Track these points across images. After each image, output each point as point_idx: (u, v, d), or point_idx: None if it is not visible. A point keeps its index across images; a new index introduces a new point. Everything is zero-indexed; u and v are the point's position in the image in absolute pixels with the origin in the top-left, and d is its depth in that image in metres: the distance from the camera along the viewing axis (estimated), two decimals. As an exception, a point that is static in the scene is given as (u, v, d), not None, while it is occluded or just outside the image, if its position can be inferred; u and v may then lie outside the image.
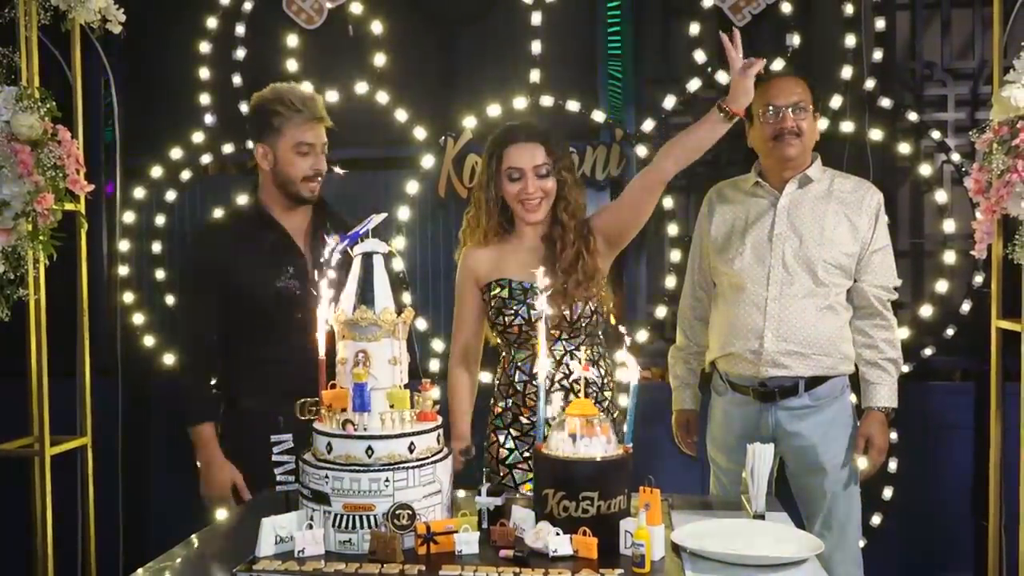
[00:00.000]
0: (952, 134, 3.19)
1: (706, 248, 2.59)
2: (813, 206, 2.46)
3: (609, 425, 1.73)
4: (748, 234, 2.48)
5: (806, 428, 2.44)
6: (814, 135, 2.48)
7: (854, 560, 2.48)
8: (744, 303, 2.45)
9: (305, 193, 2.39)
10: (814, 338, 2.40)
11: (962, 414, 3.12)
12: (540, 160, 2.26)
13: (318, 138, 2.38)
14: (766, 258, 2.44)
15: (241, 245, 2.39)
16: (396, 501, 1.67)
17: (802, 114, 2.42)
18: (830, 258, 2.42)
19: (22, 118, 2.37)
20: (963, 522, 3.14)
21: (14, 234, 2.41)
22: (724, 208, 2.57)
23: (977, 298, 3.06)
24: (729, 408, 2.53)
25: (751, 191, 2.53)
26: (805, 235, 2.43)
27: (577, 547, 1.63)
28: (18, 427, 2.76)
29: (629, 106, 3.33)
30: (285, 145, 2.36)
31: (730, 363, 2.49)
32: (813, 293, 2.41)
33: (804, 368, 2.42)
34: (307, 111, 2.35)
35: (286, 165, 2.37)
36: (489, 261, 2.35)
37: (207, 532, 1.90)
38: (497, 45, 3.40)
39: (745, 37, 3.28)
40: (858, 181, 2.53)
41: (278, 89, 2.39)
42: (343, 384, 1.77)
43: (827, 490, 2.44)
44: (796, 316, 2.41)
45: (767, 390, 2.45)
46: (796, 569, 1.64)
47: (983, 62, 3.17)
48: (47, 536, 2.74)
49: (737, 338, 2.45)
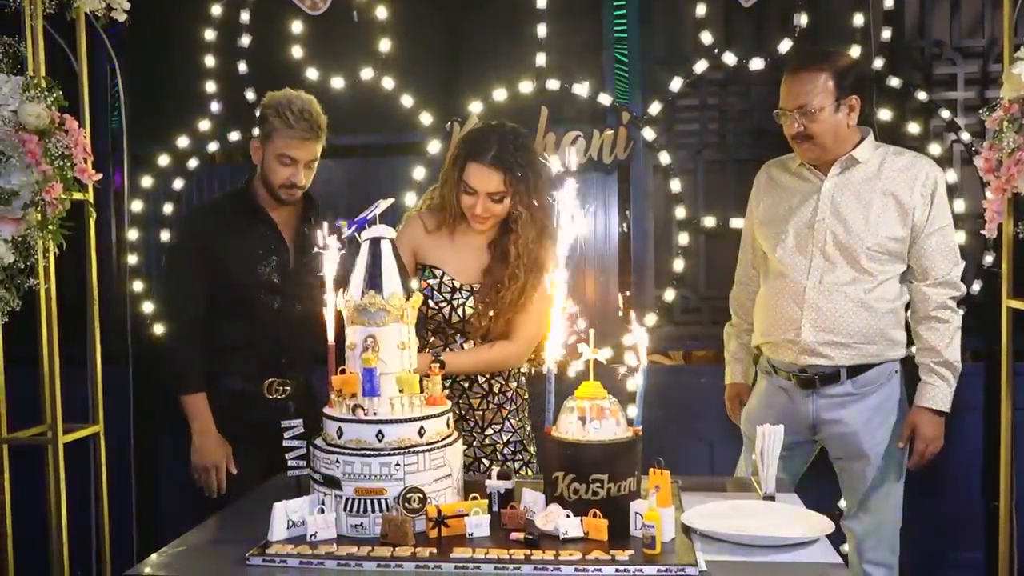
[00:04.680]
0: (962, 113, 3.16)
1: (754, 229, 2.57)
2: (859, 189, 2.37)
3: (619, 408, 1.73)
4: (791, 220, 2.43)
5: (848, 416, 2.40)
6: (839, 127, 2.35)
7: (890, 547, 2.46)
8: (784, 291, 2.42)
9: (283, 196, 2.49)
10: (855, 328, 2.35)
11: (972, 395, 3.10)
12: (494, 188, 2.22)
13: (304, 154, 2.44)
14: (808, 245, 2.39)
15: (231, 230, 2.49)
16: (407, 485, 1.68)
17: (810, 116, 2.31)
18: (875, 244, 2.34)
19: (29, 107, 2.37)
20: (973, 503, 3.14)
21: (23, 224, 2.41)
22: (772, 190, 2.53)
23: (987, 278, 3.04)
24: (771, 389, 2.53)
25: (797, 172, 2.47)
26: (849, 221, 2.36)
27: (587, 529, 1.63)
28: (32, 415, 2.78)
29: (636, 89, 3.31)
30: (271, 151, 2.45)
31: (771, 349, 2.49)
32: (856, 281, 2.35)
33: (845, 358, 2.37)
34: (297, 128, 2.40)
35: (268, 170, 2.47)
36: (433, 242, 2.35)
37: (220, 517, 1.92)
38: (503, 29, 3.38)
39: (753, 17, 3.30)
40: (914, 157, 2.43)
41: (282, 98, 2.45)
42: (352, 369, 1.77)
43: (868, 476, 2.42)
44: (835, 306, 2.35)
45: (807, 376, 2.42)
46: (806, 549, 1.64)
47: (993, 40, 3.13)
48: (61, 523, 2.76)
49: (775, 327, 2.43)
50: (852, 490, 2.47)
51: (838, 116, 2.34)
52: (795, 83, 2.35)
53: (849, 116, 2.36)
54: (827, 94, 2.31)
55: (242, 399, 2.51)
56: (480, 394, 2.33)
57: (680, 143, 3.33)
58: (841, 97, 2.33)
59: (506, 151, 2.22)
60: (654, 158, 3.29)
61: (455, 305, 2.28)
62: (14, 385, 2.76)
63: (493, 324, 2.28)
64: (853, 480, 2.46)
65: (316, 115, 2.45)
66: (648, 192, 3.34)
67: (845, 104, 2.34)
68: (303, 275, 2.49)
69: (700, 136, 3.33)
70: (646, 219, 3.35)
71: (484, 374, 2.32)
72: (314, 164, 2.51)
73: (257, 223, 2.52)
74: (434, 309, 2.28)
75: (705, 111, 3.32)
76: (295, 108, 2.42)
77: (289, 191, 2.48)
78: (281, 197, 2.49)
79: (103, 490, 3.07)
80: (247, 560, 1.60)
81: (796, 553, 1.63)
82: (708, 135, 3.32)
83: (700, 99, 3.32)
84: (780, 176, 2.53)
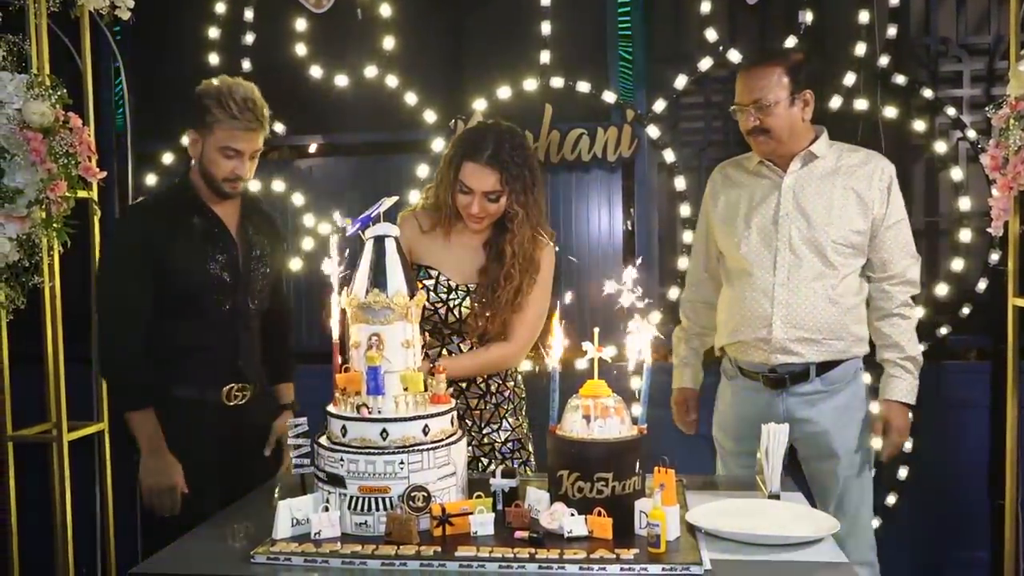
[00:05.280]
0: (967, 111, 3.15)
1: (712, 230, 2.57)
2: (819, 184, 2.40)
3: (623, 406, 1.73)
4: (753, 217, 2.44)
5: (817, 414, 2.42)
6: (794, 121, 2.38)
7: (868, 544, 2.47)
8: (751, 289, 2.42)
9: (226, 190, 2.32)
10: (824, 323, 2.37)
11: (978, 393, 3.10)
12: (491, 187, 2.21)
13: (248, 146, 2.28)
14: (772, 241, 2.40)
15: (175, 228, 2.29)
16: (411, 483, 1.67)
17: (766, 110, 2.34)
18: (839, 238, 2.37)
19: (33, 106, 2.37)
20: (979, 502, 3.13)
21: (28, 221, 2.42)
22: (729, 190, 2.53)
23: (993, 276, 3.03)
24: (739, 392, 2.52)
25: (756, 170, 2.49)
26: (812, 215, 2.38)
27: (592, 528, 1.63)
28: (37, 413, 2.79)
29: (640, 86, 3.30)
30: (212, 143, 2.27)
31: (739, 350, 2.48)
32: (823, 275, 2.37)
33: (815, 354, 2.39)
34: (241, 119, 2.24)
35: (209, 163, 2.29)
36: (429, 242, 2.34)
37: (224, 515, 1.91)
38: (507, 26, 3.38)
39: (757, 15, 3.29)
40: (868, 153, 2.47)
41: (222, 87, 2.27)
42: (356, 367, 1.77)
43: (840, 475, 2.43)
44: (805, 301, 2.37)
45: (777, 376, 2.43)
46: (811, 548, 1.64)
47: (999, 37, 3.12)
48: (66, 520, 2.77)
49: (745, 326, 2.43)
50: (823, 491, 2.47)
51: (793, 110, 2.38)
52: (750, 78, 2.38)
53: (804, 110, 2.39)
54: (782, 88, 2.35)
55: (198, 408, 2.28)
56: (478, 394, 2.33)
57: (684, 141, 3.33)
58: (795, 91, 2.37)
59: (502, 150, 2.22)
60: (658, 156, 3.28)
61: (451, 306, 2.27)
62: (19, 383, 2.77)
63: (489, 324, 2.27)
64: (823, 479, 2.46)
65: (260, 104, 2.28)
66: (652, 190, 3.34)
67: (800, 98, 2.38)
68: (254, 272, 2.37)
69: (704, 134, 3.32)
70: (650, 217, 3.34)
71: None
72: (257, 155, 2.33)
73: (201, 219, 2.32)
74: (430, 310, 2.28)
75: (709, 109, 3.31)
76: (238, 97, 2.24)
77: (233, 184, 2.30)
78: (224, 191, 2.31)
79: (107, 487, 3.08)
80: (251, 558, 1.60)
81: (801, 552, 1.62)
82: (712, 133, 3.31)
83: (704, 97, 3.31)
84: (737, 175, 2.54)
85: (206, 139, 2.27)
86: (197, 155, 2.31)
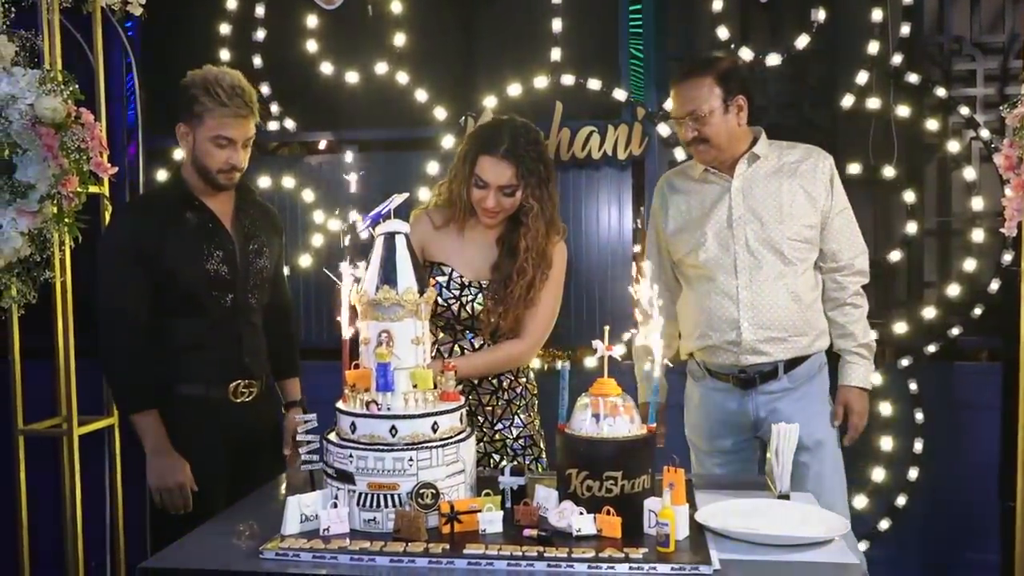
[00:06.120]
0: (981, 110, 3.13)
1: (664, 242, 2.56)
2: (766, 184, 2.41)
3: (632, 405, 1.72)
4: (707, 223, 2.44)
5: (785, 409, 2.41)
6: (731, 127, 2.38)
7: None
8: (716, 293, 2.42)
9: (222, 181, 2.28)
10: (789, 321, 2.39)
11: (989, 395, 3.08)
12: (506, 180, 2.22)
13: (240, 133, 2.24)
14: (730, 245, 2.41)
15: (171, 226, 2.25)
16: (420, 480, 1.68)
17: (701, 120, 2.35)
18: (793, 234, 2.39)
19: (46, 101, 2.38)
20: (989, 504, 3.10)
21: (39, 217, 2.42)
22: (677, 199, 2.52)
23: (1006, 277, 3.01)
24: (707, 393, 2.51)
25: (702, 178, 2.48)
26: (764, 216, 2.39)
27: (601, 526, 1.63)
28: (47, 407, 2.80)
29: (651, 84, 3.29)
30: (204, 134, 2.23)
31: (708, 353, 2.47)
32: (783, 274, 2.39)
33: (782, 352, 2.40)
34: (232, 106, 2.21)
35: (202, 154, 2.25)
36: (441, 240, 2.34)
37: (234, 511, 1.92)
38: (517, 24, 3.38)
39: (770, 13, 3.28)
40: (806, 149, 2.48)
41: (208, 75, 2.24)
42: (366, 364, 1.77)
43: (811, 467, 2.42)
44: (769, 301, 2.38)
45: (747, 376, 2.44)
46: (821, 549, 1.63)
47: (1013, 36, 3.10)
48: (76, 514, 2.78)
49: (712, 330, 2.42)
50: (796, 484, 2.46)
51: (728, 117, 2.38)
52: (682, 90, 2.40)
53: (739, 116, 2.40)
54: (715, 97, 2.36)
55: (205, 406, 2.26)
56: (490, 390, 2.33)
57: (695, 139, 3.32)
58: (728, 99, 2.37)
59: (518, 144, 2.23)
60: (669, 154, 3.27)
61: (464, 302, 2.28)
62: (30, 377, 2.78)
63: (502, 320, 2.28)
64: (798, 476, 2.45)
65: (248, 90, 2.25)
66: (662, 188, 3.33)
67: (733, 105, 2.38)
68: (252, 265, 2.34)
69: (715, 132, 3.31)
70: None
71: None
72: (250, 144, 2.29)
73: (194, 215, 2.28)
74: (443, 306, 2.28)
75: (720, 107, 3.29)
76: (225, 84, 2.21)
77: (228, 175, 2.26)
78: (220, 183, 2.27)
79: (117, 482, 3.09)
80: (260, 554, 1.60)
81: (811, 553, 1.62)
82: (723, 131, 3.30)
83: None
84: (684, 184, 2.54)
85: (197, 130, 2.24)
86: (189, 148, 2.29)
